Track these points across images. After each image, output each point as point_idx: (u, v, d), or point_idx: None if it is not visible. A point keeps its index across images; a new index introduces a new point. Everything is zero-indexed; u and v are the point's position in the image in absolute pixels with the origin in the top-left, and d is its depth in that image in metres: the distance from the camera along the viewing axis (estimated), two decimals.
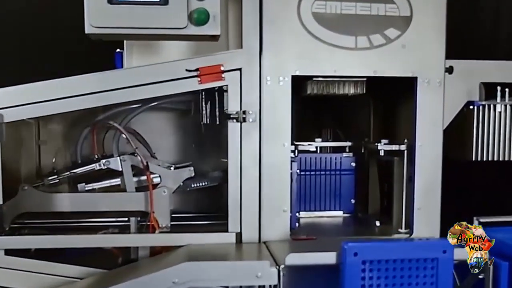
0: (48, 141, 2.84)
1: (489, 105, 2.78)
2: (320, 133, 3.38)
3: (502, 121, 2.80)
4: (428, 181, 2.60)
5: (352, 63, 2.50)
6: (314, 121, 3.39)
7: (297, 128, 3.15)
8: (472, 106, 2.76)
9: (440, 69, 2.58)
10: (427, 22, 2.54)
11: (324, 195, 3.14)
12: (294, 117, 2.47)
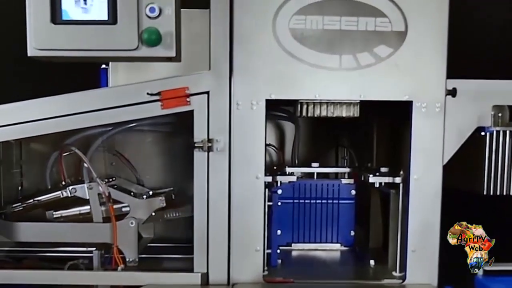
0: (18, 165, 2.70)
1: (504, 131, 2.40)
2: (336, 154, 3.12)
3: None
4: (424, 219, 2.27)
5: (336, 86, 2.22)
6: (330, 141, 3.12)
7: (313, 148, 3.05)
8: (483, 132, 2.39)
9: (440, 91, 2.24)
10: (425, 38, 2.21)
11: (320, 226, 2.85)
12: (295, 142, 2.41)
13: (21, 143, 2.69)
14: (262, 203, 2.24)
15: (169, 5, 1.93)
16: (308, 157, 2.99)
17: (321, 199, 2.84)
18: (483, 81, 2.36)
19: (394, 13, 2.20)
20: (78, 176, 2.61)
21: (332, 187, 2.84)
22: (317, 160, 2.84)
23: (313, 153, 3.06)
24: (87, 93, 2.27)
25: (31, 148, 2.75)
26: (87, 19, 1.93)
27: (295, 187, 2.79)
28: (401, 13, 2.20)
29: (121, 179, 2.74)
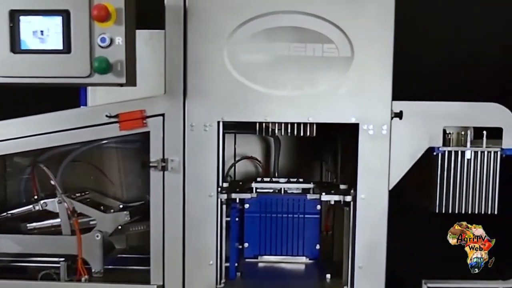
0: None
1: (456, 151, 2.48)
2: (321, 169, 3.21)
3: (472, 169, 2.48)
4: (371, 238, 2.36)
5: (285, 109, 2.32)
6: (314, 156, 3.20)
7: (298, 162, 3.15)
8: (434, 152, 2.47)
9: (386, 114, 2.33)
10: (371, 63, 2.30)
11: (287, 239, 2.94)
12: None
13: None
14: (214, 220, 2.35)
15: (119, 36, 2.06)
16: (292, 170, 3.11)
17: (287, 213, 2.92)
18: (431, 103, 2.44)
19: (340, 40, 2.29)
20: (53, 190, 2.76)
21: (298, 202, 2.92)
22: (301, 174, 2.93)
23: (298, 167, 3.14)
24: (56, 114, 2.42)
25: (9, 163, 2.90)
26: (43, 49, 2.07)
27: (261, 201, 2.88)
28: (347, 39, 2.29)
29: (95, 193, 2.88)
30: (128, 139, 2.71)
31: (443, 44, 3.15)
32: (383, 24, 2.28)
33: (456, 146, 2.50)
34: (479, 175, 2.48)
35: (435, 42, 3.16)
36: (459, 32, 3.18)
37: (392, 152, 2.39)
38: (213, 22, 2.28)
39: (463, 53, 3.17)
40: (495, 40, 3.20)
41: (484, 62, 3.18)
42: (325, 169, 3.18)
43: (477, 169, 2.49)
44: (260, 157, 3.17)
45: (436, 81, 3.05)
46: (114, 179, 2.92)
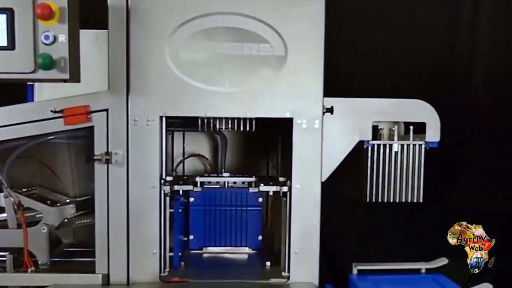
0: None
1: (384, 145, 2.67)
2: (267, 164, 3.33)
3: (399, 161, 2.67)
4: (305, 225, 2.52)
5: (223, 105, 2.46)
6: (261, 152, 3.33)
7: (245, 158, 3.26)
8: (364, 146, 2.65)
9: (318, 110, 2.49)
10: (303, 61, 2.47)
11: (230, 231, 3.07)
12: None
13: None
14: (158, 211, 2.46)
15: (63, 33, 2.16)
16: (240, 167, 3.23)
17: (231, 206, 3.06)
18: (361, 100, 2.63)
19: (275, 40, 2.45)
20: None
21: (241, 195, 3.06)
22: (248, 171, 3.08)
23: (245, 164, 3.27)
24: (1, 109, 2.48)
25: None
26: None
27: (206, 195, 3.01)
28: (281, 39, 2.45)
29: (42, 188, 2.94)
30: (75, 134, 2.77)
31: (374, 44, 3.36)
32: (314, 25, 2.45)
33: (385, 140, 2.68)
34: (405, 166, 2.68)
35: (366, 42, 3.36)
36: (389, 32, 3.40)
37: (325, 145, 2.55)
38: (155, 22, 2.40)
39: (392, 53, 3.38)
40: (422, 40, 3.42)
41: (412, 61, 3.40)
42: (271, 166, 3.32)
43: (404, 161, 2.68)
44: (208, 155, 3.28)
45: (366, 79, 3.24)
46: (61, 174, 2.97)
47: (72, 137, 2.82)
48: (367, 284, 2.47)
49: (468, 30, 3.55)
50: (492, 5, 3.51)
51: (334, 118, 2.58)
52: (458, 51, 3.55)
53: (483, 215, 3.43)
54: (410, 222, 3.37)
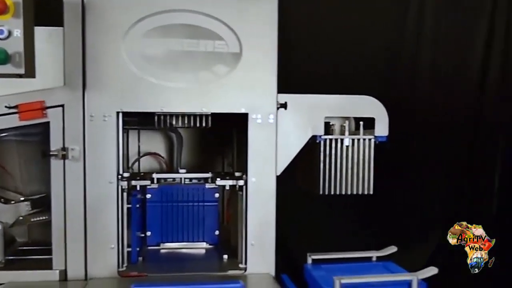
0: None
1: (336, 139, 2.77)
2: (222, 161, 3.38)
3: (350, 154, 2.78)
4: (261, 217, 2.59)
5: (180, 100, 2.50)
6: (216, 149, 3.37)
7: (201, 155, 3.30)
8: (317, 140, 2.75)
9: (272, 105, 2.57)
10: (258, 58, 2.54)
11: (188, 226, 3.11)
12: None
13: None
14: (115, 206, 2.48)
15: (18, 28, 2.16)
16: (196, 165, 3.26)
17: (188, 202, 3.09)
18: (313, 96, 2.73)
19: (230, 37, 2.52)
20: None
21: (197, 191, 3.10)
22: (204, 169, 3.10)
23: (201, 162, 3.31)
24: None
25: None
26: None
27: (163, 191, 3.04)
28: (236, 37, 2.52)
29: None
30: (29, 132, 2.76)
31: (325, 43, 3.48)
32: (268, 23, 2.54)
33: (336, 135, 2.79)
34: (356, 160, 2.79)
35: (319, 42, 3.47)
36: (340, 31, 3.53)
37: (280, 140, 2.64)
38: (111, 18, 2.43)
39: (344, 50, 3.51)
40: (372, 38, 3.57)
41: (362, 58, 3.54)
42: (226, 164, 3.38)
43: (355, 155, 2.79)
44: (164, 154, 3.31)
45: (319, 76, 3.35)
46: (16, 173, 2.95)
47: (25, 134, 2.81)
48: (322, 273, 2.56)
49: (414, 28, 3.71)
50: (437, 3, 3.68)
51: (288, 113, 2.66)
52: (404, 48, 3.71)
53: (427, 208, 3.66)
54: (361, 213, 3.50)
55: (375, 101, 2.82)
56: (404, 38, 3.71)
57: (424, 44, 3.72)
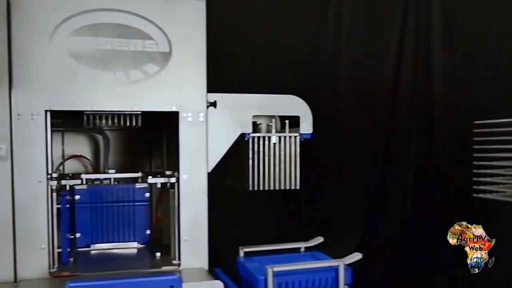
0: None
1: (264, 137, 2.88)
2: (150, 162, 3.38)
3: (278, 151, 2.90)
4: (194, 213, 2.65)
5: (110, 99, 2.52)
6: (143, 150, 3.37)
7: (129, 157, 3.28)
8: (245, 138, 2.85)
9: (202, 104, 2.65)
10: (187, 58, 2.61)
11: (118, 227, 3.10)
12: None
13: None
14: (45, 206, 2.46)
15: None
16: (123, 168, 3.24)
17: (118, 202, 3.09)
18: (242, 95, 2.83)
19: (159, 37, 2.58)
20: None
21: (127, 191, 3.11)
22: (132, 169, 3.12)
23: (128, 165, 3.31)
24: None
25: None
26: None
27: (92, 192, 3.02)
28: (165, 36, 2.58)
29: None
30: None
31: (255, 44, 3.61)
32: (197, 24, 2.62)
33: (264, 133, 2.91)
34: (283, 156, 2.92)
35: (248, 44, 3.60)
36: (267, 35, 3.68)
37: (210, 138, 2.72)
38: (38, 16, 2.41)
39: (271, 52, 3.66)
40: (297, 43, 3.75)
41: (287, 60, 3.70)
42: (154, 165, 3.40)
43: (282, 152, 2.92)
44: (89, 157, 3.28)
45: (248, 76, 3.47)
46: None
47: None
48: (254, 264, 2.65)
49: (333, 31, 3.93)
50: (354, 4, 3.93)
51: (217, 112, 2.75)
52: (325, 51, 3.92)
53: (349, 202, 3.87)
54: (289, 207, 3.65)
55: (299, 101, 2.97)
56: (322, 44, 3.91)
57: (341, 50, 3.93)
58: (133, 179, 3.14)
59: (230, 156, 2.83)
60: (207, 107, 2.67)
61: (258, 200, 3.25)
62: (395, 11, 3.96)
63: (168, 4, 2.57)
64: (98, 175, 3.06)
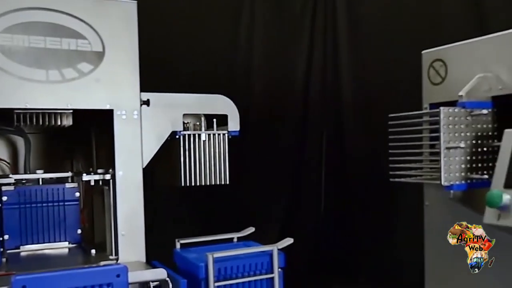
0: None
1: (194, 134, 3.00)
2: (71, 164, 3.37)
3: (207, 148, 3.03)
4: (130, 208, 2.71)
5: (44, 96, 2.54)
6: (66, 153, 3.35)
7: (50, 160, 3.24)
8: (177, 136, 2.95)
9: (136, 102, 2.73)
10: (120, 58, 2.68)
11: (48, 227, 3.08)
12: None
13: None
14: None
15: None
16: (45, 168, 3.16)
17: (47, 203, 3.08)
18: (173, 95, 2.95)
19: (92, 36, 2.63)
20: None
21: (57, 191, 3.10)
22: (54, 170, 3.08)
23: (49, 168, 3.27)
24: None
25: None
26: None
27: (20, 193, 2.99)
28: (98, 36, 2.64)
29: None
30: None
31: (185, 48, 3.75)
32: (128, 24, 2.70)
33: (194, 130, 3.04)
34: (212, 153, 3.06)
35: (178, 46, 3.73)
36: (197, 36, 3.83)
37: (144, 135, 2.80)
38: None
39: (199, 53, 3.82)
40: (226, 40, 3.93)
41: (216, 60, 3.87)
42: (76, 169, 3.38)
43: (211, 149, 3.06)
44: (9, 160, 3.22)
45: (179, 77, 3.59)
46: None
47: None
48: (192, 254, 2.77)
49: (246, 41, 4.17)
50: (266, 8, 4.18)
51: (150, 110, 2.84)
52: (239, 56, 4.15)
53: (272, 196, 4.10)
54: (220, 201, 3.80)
55: (227, 100, 3.14)
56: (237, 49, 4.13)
57: (255, 54, 4.18)
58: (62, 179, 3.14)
59: (159, 156, 2.90)
60: (140, 105, 2.75)
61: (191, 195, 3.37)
62: (306, 17, 4.28)
63: (100, 5, 2.63)
64: (27, 176, 3.03)
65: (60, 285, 2.11)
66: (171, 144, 2.98)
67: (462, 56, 2.57)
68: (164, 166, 3.17)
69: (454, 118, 2.36)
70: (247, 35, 4.17)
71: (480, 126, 2.42)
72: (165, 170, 3.17)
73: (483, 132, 2.43)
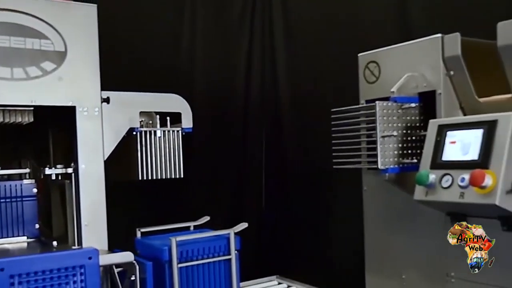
0: None
1: (150, 131, 3.20)
2: (19, 162, 3.37)
3: (162, 144, 3.23)
4: (93, 200, 2.86)
5: (9, 93, 2.65)
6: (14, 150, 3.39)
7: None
8: (134, 132, 3.14)
9: (97, 99, 2.89)
10: (82, 58, 2.84)
11: (6, 223, 3.15)
12: None
13: None
14: None
15: None
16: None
17: (5, 198, 3.15)
18: (130, 93, 3.14)
19: (55, 37, 2.78)
20: None
21: (15, 187, 3.19)
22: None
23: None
24: None
25: None
26: None
27: None
28: (60, 37, 2.79)
29: None
30: None
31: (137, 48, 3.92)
32: (89, 27, 2.87)
33: (150, 127, 3.23)
34: (168, 148, 3.27)
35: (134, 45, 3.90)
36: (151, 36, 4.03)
37: (104, 131, 2.96)
38: None
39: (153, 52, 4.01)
40: (162, 40, 4.13)
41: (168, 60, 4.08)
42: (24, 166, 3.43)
43: (166, 144, 3.27)
44: None
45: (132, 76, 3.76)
46: None
47: None
48: (154, 241, 2.96)
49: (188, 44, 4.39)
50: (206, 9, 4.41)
51: (109, 108, 3.01)
52: (181, 59, 4.36)
53: None
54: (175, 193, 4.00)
55: (180, 99, 3.37)
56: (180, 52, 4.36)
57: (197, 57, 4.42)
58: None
59: (115, 152, 3.07)
60: (101, 102, 2.92)
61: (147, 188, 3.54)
62: (245, 18, 4.57)
63: (63, 8, 2.78)
64: None
65: (36, 267, 2.25)
66: (127, 140, 3.15)
67: (393, 58, 2.93)
68: (119, 162, 3.32)
69: (387, 111, 2.71)
70: (190, 36, 4.37)
71: (409, 118, 2.78)
72: (121, 166, 3.32)
73: (412, 123, 2.79)
